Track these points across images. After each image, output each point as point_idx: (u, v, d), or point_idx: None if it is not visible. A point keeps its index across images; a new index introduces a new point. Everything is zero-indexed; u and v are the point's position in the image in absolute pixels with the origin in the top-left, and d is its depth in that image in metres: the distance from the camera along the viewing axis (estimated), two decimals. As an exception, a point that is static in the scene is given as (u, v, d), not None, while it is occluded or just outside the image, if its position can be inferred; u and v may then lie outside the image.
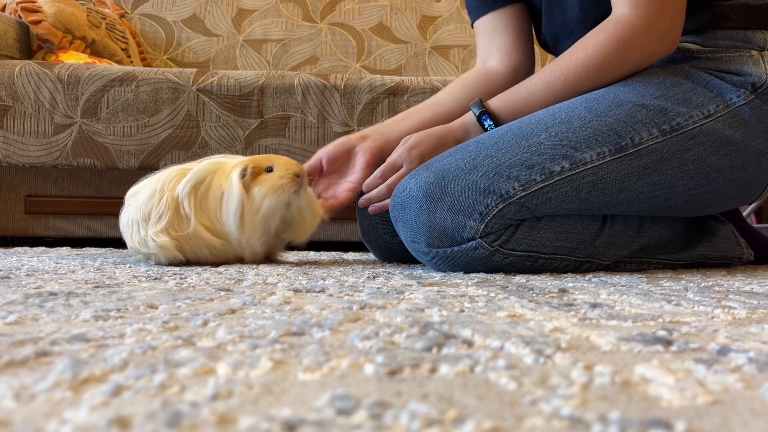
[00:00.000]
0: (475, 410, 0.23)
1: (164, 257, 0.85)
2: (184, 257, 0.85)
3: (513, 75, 1.02)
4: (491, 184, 0.77)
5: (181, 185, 0.85)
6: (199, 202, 0.85)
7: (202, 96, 1.35)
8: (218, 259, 0.87)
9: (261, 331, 0.37)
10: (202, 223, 0.85)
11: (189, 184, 0.85)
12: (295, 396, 0.24)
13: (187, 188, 0.85)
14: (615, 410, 0.23)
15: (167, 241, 0.84)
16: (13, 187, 1.39)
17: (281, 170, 0.86)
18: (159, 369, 0.28)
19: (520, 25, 1.02)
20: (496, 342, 0.34)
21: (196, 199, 0.85)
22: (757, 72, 0.81)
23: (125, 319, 0.41)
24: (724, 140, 0.81)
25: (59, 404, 0.23)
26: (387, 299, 0.52)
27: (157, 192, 0.86)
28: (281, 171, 0.86)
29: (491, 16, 1.01)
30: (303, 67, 2.01)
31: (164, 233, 0.84)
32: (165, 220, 0.84)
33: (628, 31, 0.79)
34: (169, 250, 0.84)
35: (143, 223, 0.85)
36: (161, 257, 0.86)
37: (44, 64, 1.36)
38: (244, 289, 0.58)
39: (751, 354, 0.32)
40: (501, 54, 1.02)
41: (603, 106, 0.80)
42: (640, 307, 0.49)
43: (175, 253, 0.84)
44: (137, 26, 2.00)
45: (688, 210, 0.86)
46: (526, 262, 0.79)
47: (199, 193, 0.85)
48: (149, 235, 0.85)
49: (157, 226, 0.84)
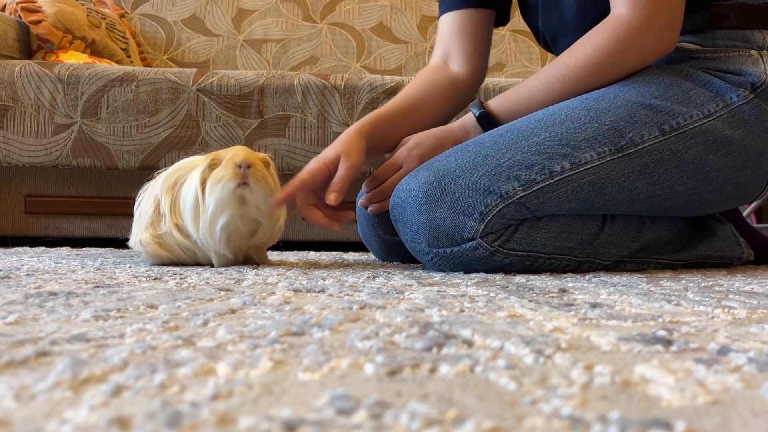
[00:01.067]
0: (475, 410, 0.23)
1: (147, 256, 0.84)
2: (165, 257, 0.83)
3: (472, 82, 1.02)
4: (491, 184, 0.77)
5: (160, 182, 0.83)
6: (173, 200, 0.81)
7: (202, 96, 1.35)
8: (192, 260, 0.84)
9: (261, 331, 0.37)
10: (175, 222, 0.81)
11: (167, 181, 0.82)
12: (295, 396, 0.24)
13: (165, 185, 0.82)
14: (615, 410, 0.23)
15: (148, 239, 0.82)
16: (13, 187, 1.39)
17: (224, 162, 0.79)
18: (159, 369, 0.28)
19: (486, 34, 1.01)
20: (496, 342, 0.34)
21: (171, 197, 0.81)
22: (757, 71, 0.81)
23: (125, 319, 0.41)
24: (724, 140, 0.81)
25: (59, 404, 0.23)
26: (387, 299, 0.52)
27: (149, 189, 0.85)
28: (224, 163, 0.79)
29: (463, 13, 1.00)
30: (303, 67, 2.01)
31: (146, 231, 0.83)
32: (147, 218, 0.83)
33: (627, 31, 0.79)
34: (149, 249, 0.82)
35: (137, 221, 0.85)
36: (145, 256, 0.85)
37: (44, 64, 1.36)
38: (244, 289, 0.58)
39: (751, 354, 0.32)
40: (463, 57, 1.00)
41: (603, 106, 0.80)
42: (640, 307, 0.49)
43: (156, 252, 0.82)
44: (137, 26, 2.00)
45: (687, 209, 0.86)
46: (526, 262, 0.79)
47: (174, 191, 0.81)
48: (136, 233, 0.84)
49: (141, 225, 0.84)
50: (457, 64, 1.01)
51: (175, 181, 0.82)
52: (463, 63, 1.01)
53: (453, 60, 1.01)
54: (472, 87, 1.03)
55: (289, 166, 1.36)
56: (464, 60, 1.00)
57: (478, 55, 1.01)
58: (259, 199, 0.80)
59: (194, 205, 0.79)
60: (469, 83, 1.01)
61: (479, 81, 1.03)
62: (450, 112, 1.02)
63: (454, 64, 1.01)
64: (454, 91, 1.00)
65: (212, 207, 0.78)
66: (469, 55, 1.00)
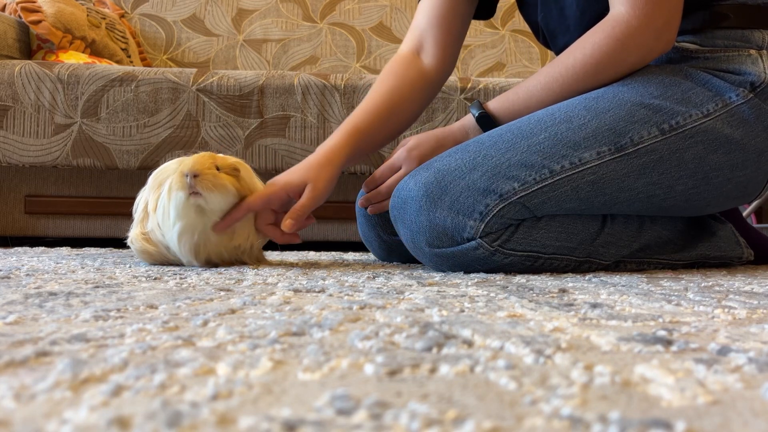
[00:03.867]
0: (475, 410, 0.23)
1: (137, 253, 0.84)
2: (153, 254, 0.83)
3: (442, 76, 0.99)
4: (491, 183, 0.77)
5: (149, 180, 0.82)
6: (157, 200, 0.80)
7: (202, 96, 1.35)
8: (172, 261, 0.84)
9: (261, 331, 0.37)
10: (157, 222, 0.80)
11: (154, 181, 0.81)
12: (295, 396, 0.24)
13: (152, 184, 0.81)
14: (615, 410, 0.23)
15: (136, 235, 0.82)
16: (13, 187, 1.39)
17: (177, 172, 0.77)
18: (159, 369, 0.28)
19: (463, 27, 0.99)
20: (496, 342, 0.34)
21: (156, 196, 0.80)
22: (756, 71, 0.81)
23: (125, 319, 0.41)
24: (724, 139, 0.81)
25: (59, 404, 0.23)
26: (387, 299, 0.52)
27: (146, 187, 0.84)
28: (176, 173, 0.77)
29: (444, 2, 0.97)
30: (303, 67, 2.01)
31: (137, 228, 0.83)
32: (137, 215, 0.83)
33: (626, 30, 0.79)
34: (137, 245, 0.82)
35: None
36: (135, 254, 0.85)
37: (44, 64, 1.36)
38: (244, 289, 0.58)
39: (751, 354, 0.32)
40: (438, 50, 0.98)
41: (602, 106, 0.80)
42: (640, 307, 0.49)
43: (144, 248, 0.82)
44: (137, 26, 2.00)
45: (687, 209, 0.86)
46: (526, 262, 0.79)
47: (158, 191, 0.80)
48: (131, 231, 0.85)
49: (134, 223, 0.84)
50: (430, 57, 0.98)
51: (160, 181, 0.81)
52: (436, 56, 0.98)
53: (426, 51, 0.98)
54: (441, 81, 1.00)
55: (289, 166, 1.36)
56: (438, 53, 0.97)
57: (452, 48, 0.99)
58: (217, 205, 0.78)
59: (162, 211, 0.79)
60: (439, 77, 0.99)
61: (448, 74, 1.01)
62: (421, 109, 1.00)
63: (427, 55, 0.98)
64: (426, 87, 0.98)
65: (172, 215, 0.78)
66: (444, 48, 0.98)
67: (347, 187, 1.43)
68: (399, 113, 0.94)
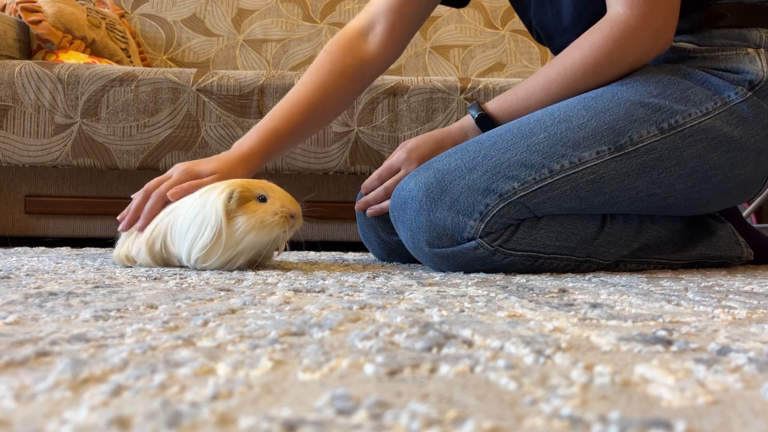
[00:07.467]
0: (475, 410, 0.23)
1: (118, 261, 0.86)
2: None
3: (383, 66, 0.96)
4: (491, 183, 0.77)
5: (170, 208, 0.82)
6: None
7: (202, 96, 1.35)
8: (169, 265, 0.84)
9: (261, 331, 0.37)
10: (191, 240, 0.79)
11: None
12: (295, 396, 0.24)
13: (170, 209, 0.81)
14: (615, 410, 0.23)
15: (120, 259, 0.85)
16: (13, 187, 1.39)
17: (276, 205, 0.75)
18: (159, 369, 0.28)
19: (422, 18, 0.97)
20: (496, 342, 0.34)
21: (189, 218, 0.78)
22: (754, 69, 0.81)
23: (125, 319, 0.41)
24: (723, 138, 0.81)
25: (59, 404, 0.23)
26: (387, 299, 0.52)
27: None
28: (276, 206, 0.75)
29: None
30: (303, 67, 2.01)
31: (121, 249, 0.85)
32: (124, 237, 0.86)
33: (624, 30, 0.79)
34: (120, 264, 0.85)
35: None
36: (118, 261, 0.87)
37: (44, 64, 1.36)
38: (244, 289, 0.58)
39: (751, 354, 0.32)
40: (388, 37, 0.94)
41: (601, 105, 0.80)
42: (640, 307, 0.49)
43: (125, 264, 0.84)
44: (137, 26, 2.00)
45: (687, 208, 0.86)
46: (526, 262, 0.79)
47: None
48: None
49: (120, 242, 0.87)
50: (378, 41, 0.95)
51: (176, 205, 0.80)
52: (384, 41, 0.94)
53: (375, 36, 0.95)
54: (382, 69, 0.97)
55: (289, 166, 1.36)
56: (388, 38, 0.94)
57: (403, 35, 0.96)
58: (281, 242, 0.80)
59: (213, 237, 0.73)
60: (380, 65, 0.96)
61: (391, 62, 0.98)
62: (352, 100, 0.97)
63: (375, 38, 0.95)
64: (362, 77, 0.95)
65: (244, 246, 0.75)
66: (395, 35, 0.95)
67: (347, 187, 1.43)
68: (325, 109, 0.93)
